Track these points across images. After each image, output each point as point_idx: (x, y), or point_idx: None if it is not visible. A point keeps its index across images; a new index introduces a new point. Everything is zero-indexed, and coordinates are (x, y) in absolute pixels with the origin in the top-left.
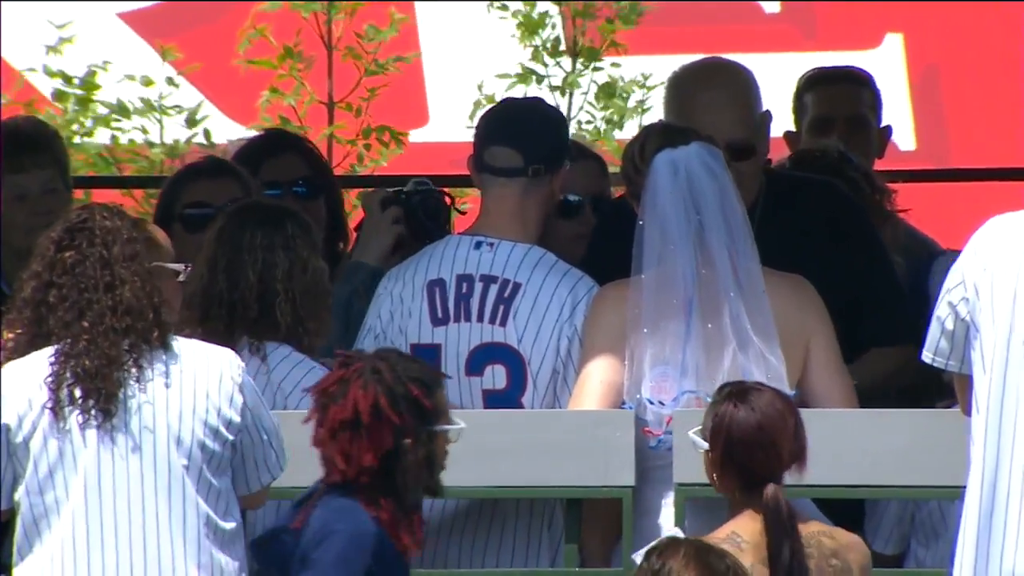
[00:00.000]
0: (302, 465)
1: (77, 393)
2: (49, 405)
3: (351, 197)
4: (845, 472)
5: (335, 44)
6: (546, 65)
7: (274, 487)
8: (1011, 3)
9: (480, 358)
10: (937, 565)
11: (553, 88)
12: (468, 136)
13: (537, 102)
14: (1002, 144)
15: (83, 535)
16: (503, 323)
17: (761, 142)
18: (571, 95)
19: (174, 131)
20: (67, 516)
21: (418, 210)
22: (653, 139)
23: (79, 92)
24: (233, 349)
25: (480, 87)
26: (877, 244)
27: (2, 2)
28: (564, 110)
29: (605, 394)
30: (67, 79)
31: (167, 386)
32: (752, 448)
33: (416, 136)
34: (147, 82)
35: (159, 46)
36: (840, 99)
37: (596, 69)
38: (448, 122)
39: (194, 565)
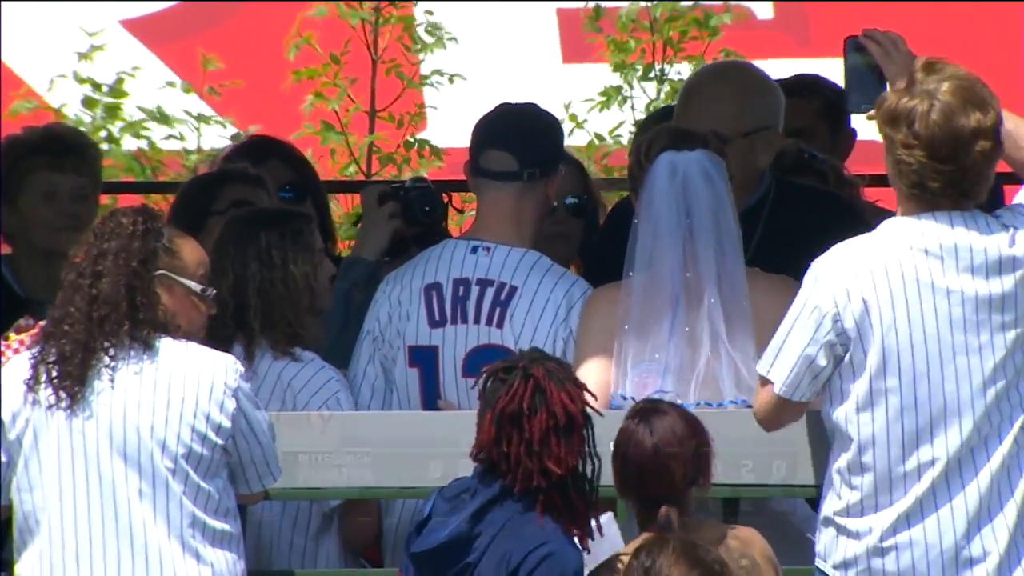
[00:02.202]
0: (305, 467)
1: (54, 373)
2: (28, 381)
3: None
4: None
5: (380, 55)
6: (631, 87)
7: (273, 488)
8: (1003, 8)
9: (477, 359)
10: None
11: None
12: None
13: (532, 107)
14: None
15: (71, 533)
16: (500, 325)
17: (734, 128)
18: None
19: (211, 139)
20: (55, 514)
21: (415, 205)
22: (661, 139)
23: (108, 99)
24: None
25: (567, 106)
26: None
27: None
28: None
29: (599, 394)
30: (96, 86)
31: (142, 385)
32: (644, 471)
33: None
34: (187, 89)
35: (202, 55)
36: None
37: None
38: None
39: (181, 560)
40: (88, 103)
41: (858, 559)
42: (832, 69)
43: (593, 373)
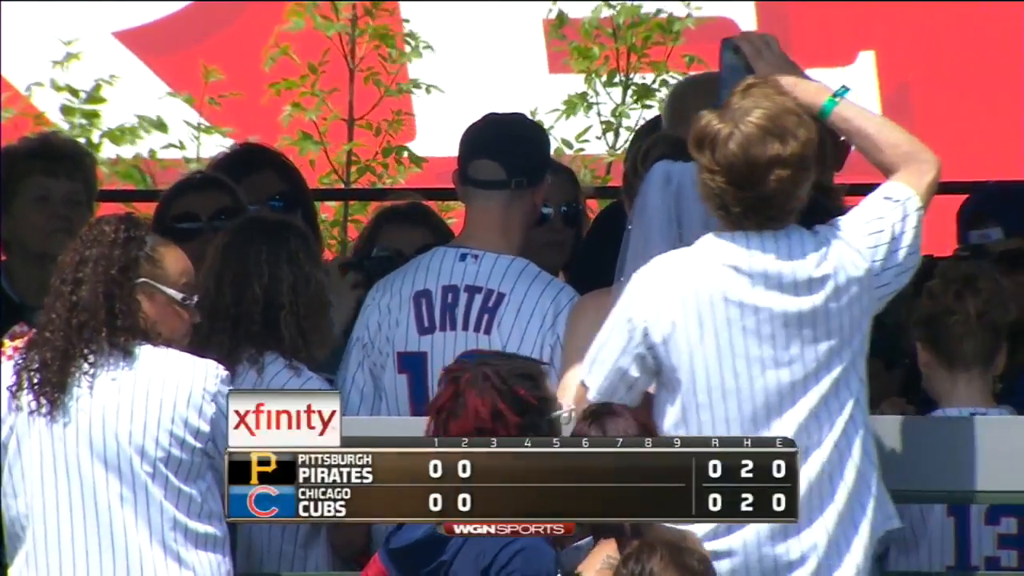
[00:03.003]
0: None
1: (35, 379)
2: (12, 388)
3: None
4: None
5: (357, 64)
6: (596, 93)
7: None
8: (1003, 8)
9: None
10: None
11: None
12: None
13: (520, 117)
14: (970, 157)
15: (55, 538)
16: (488, 331)
17: None
18: (618, 128)
19: (210, 148)
20: (39, 519)
21: (376, 276)
22: (659, 147)
23: (86, 107)
24: (230, 360)
25: (533, 113)
26: None
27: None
28: (611, 140)
29: (584, 399)
30: (74, 93)
31: (121, 391)
32: None
33: (437, 153)
34: (189, 100)
35: (203, 67)
36: None
37: (646, 107)
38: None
39: (163, 563)
40: (65, 111)
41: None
42: (815, 78)
43: (579, 378)
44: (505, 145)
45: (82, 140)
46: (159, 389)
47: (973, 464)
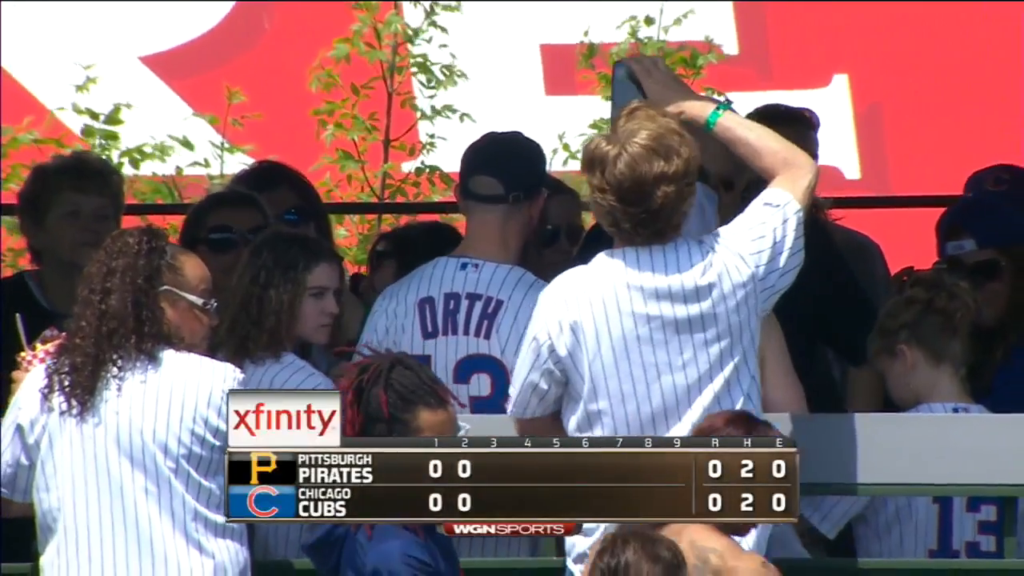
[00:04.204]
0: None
1: (66, 382)
2: (44, 390)
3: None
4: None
5: (396, 89)
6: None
7: None
8: (1003, 8)
9: (467, 368)
10: (886, 556)
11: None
12: None
13: (517, 136)
14: (937, 173)
15: (84, 528)
16: (487, 336)
17: (739, 177)
18: None
19: (234, 165)
20: (69, 511)
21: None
22: None
23: (106, 127)
24: (240, 363)
25: (561, 136)
26: (846, 270)
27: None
28: None
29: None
30: (94, 116)
31: (146, 393)
32: None
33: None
34: (213, 120)
35: (227, 89)
36: None
37: None
38: None
39: (184, 551)
40: (86, 132)
41: (587, 554)
42: (792, 99)
43: None
44: (503, 162)
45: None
46: (181, 391)
47: (955, 458)
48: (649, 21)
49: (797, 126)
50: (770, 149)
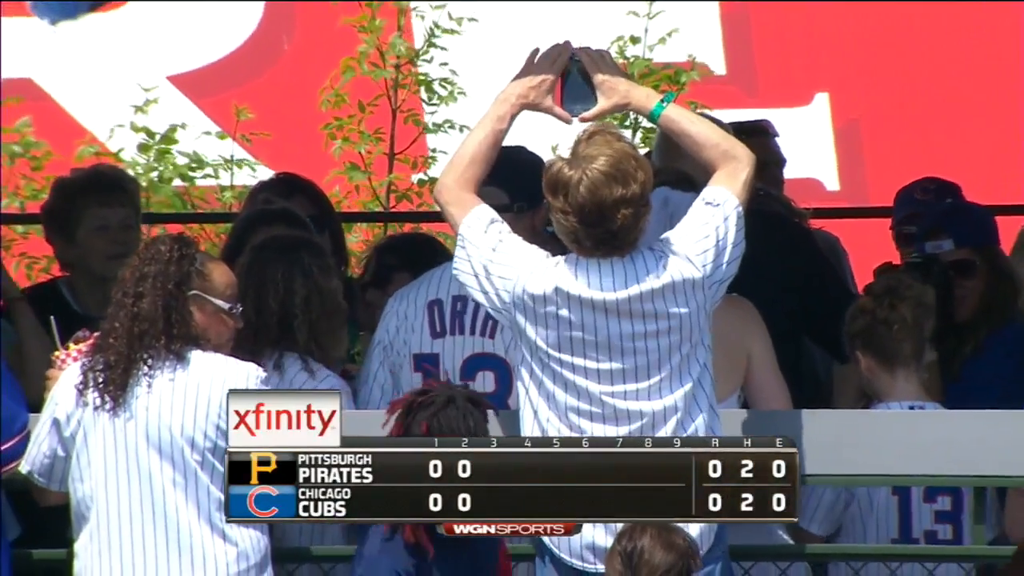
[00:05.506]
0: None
1: (100, 379)
2: (79, 386)
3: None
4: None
5: (399, 105)
6: None
7: None
8: (1003, 8)
9: (473, 365)
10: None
11: None
12: None
13: (521, 149)
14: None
15: (115, 517)
16: (492, 336)
17: None
18: None
19: (242, 179)
20: (101, 501)
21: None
22: (664, 175)
23: (160, 146)
24: (258, 362)
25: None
26: (828, 267)
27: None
28: None
29: None
30: (150, 134)
31: (175, 390)
32: None
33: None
34: (221, 136)
35: (234, 107)
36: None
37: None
38: None
39: (210, 539)
40: (143, 148)
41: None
42: (776, 116)
43: None
44: (508, 173)
45: (153, 174)
46: (207, 389)
47: (912, 451)
48: (635, 40)
49: (759, 137)
50: (711, 141)
